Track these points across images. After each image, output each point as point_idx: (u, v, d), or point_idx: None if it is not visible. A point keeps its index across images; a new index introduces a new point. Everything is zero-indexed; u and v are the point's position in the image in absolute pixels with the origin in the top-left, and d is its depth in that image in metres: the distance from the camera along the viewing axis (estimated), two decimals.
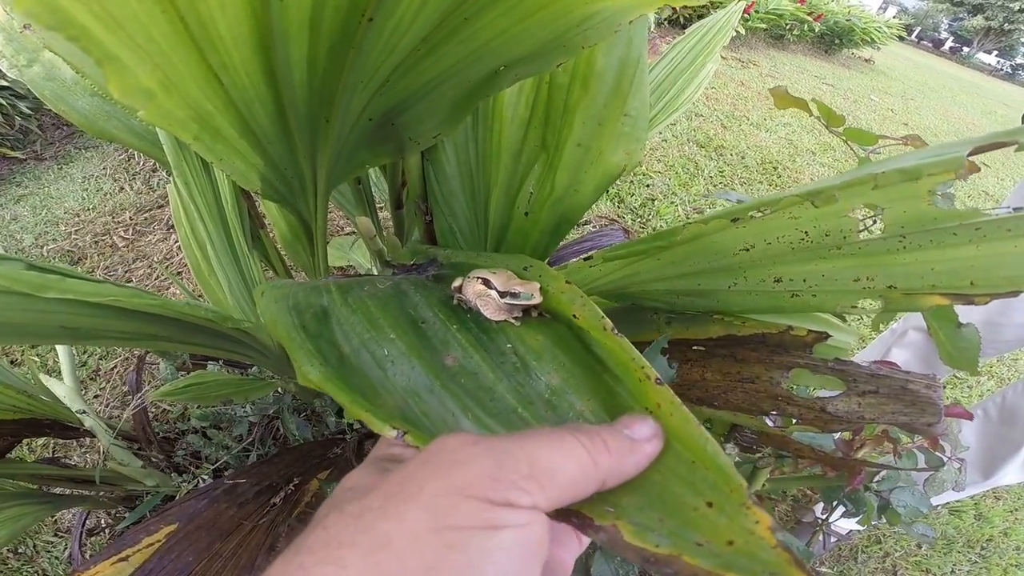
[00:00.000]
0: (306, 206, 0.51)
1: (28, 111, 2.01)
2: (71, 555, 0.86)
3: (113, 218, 1.74)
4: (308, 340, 0.31)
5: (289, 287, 0.37)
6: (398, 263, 0.53)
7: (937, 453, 0.62)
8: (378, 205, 0.94)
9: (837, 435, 0.58)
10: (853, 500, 0.66)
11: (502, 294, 0.34)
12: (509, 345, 0.33)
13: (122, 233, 1.68)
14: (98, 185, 1.88)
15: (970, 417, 0.54)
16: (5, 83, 1.88)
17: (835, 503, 0.67)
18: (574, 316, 0.33)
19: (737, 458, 0.63)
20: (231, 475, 0.52)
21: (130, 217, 1.75)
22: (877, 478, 0.64)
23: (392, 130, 0.45)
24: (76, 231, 1.67)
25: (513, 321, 0.34)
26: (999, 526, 1.35)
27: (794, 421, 0.47)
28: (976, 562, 1.27)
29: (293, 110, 0.36)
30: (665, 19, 4.59)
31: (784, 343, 0.45)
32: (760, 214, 0.35)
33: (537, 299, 0.34)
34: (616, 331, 0.30)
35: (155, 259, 1.60)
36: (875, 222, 0.36)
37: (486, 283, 0.35)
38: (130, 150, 2.02)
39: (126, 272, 1.55)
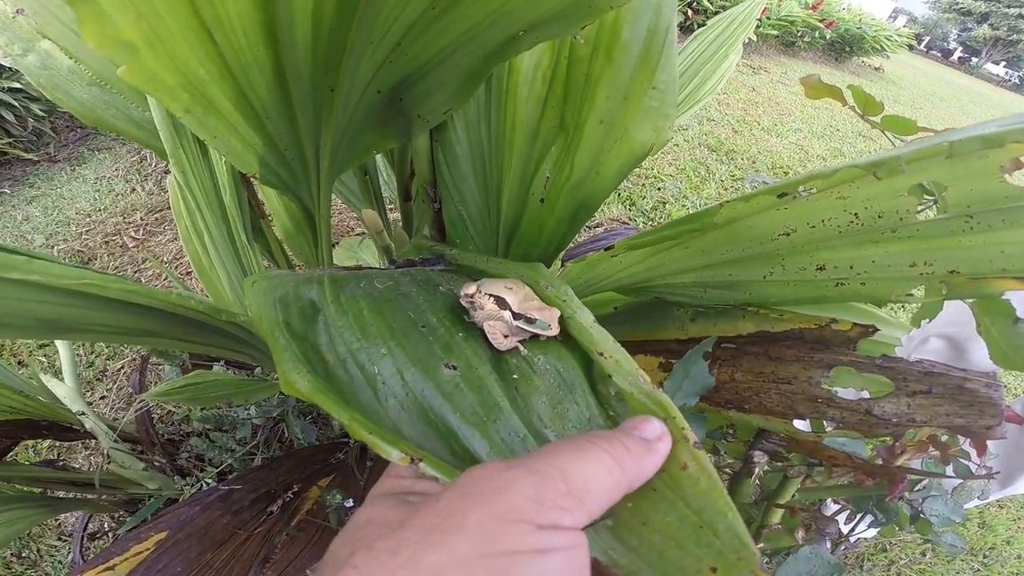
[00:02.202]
0: (308, 193, 0.48)
1: (41, 113, 2.02)
2: (73, 559, 0.85)
3: (124, 218, 1.73)
4: (293, 341, 0.28)
5: (281, 278, 0.34)
6: (403, 259, 0.50)
7: (963, 460, 0.58)
8: (389, 207, 0.91)
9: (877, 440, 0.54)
10: (883, 510, 0.62)
11: (516, 315, 0.31)
12: (515, 376, 0.30)
13: (132, 233, 1.67)
14: (110, 186, 1.88)
15: (1021, 421, 0.50)
16: (19, 85, 1.88)
17: (862, 513, 0.63)
18: (601, 355, 0.30)
19: (767, 467, 0.59)
20: (226, 481, 0.49)
21: (141, 218, 1.74)
22: (918, 487, 0.60)
23: (400, 106, 0.42)
24: (87, 231, 1.66)
25: (522, 348, 0.31)
26: (1002, 534, 1.34)
27: (834, 425, 0.43)
28: (978, 570, 1.26)
29: (295, 77, 0.32)
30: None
31: (825, 339, 0.41)
32: (807, 191, 0.32)
33: (555, 330, 0.31)
34: (656, 388, 0.27)
35: (165, 259, 1.59)
36: (935, 203, 0.33)
37: (499, 302, 0.31)
38: (142, 151, 2.02)
39: (136, 272, 1.54)
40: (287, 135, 0.38)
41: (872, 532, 0.66)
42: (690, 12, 4.62)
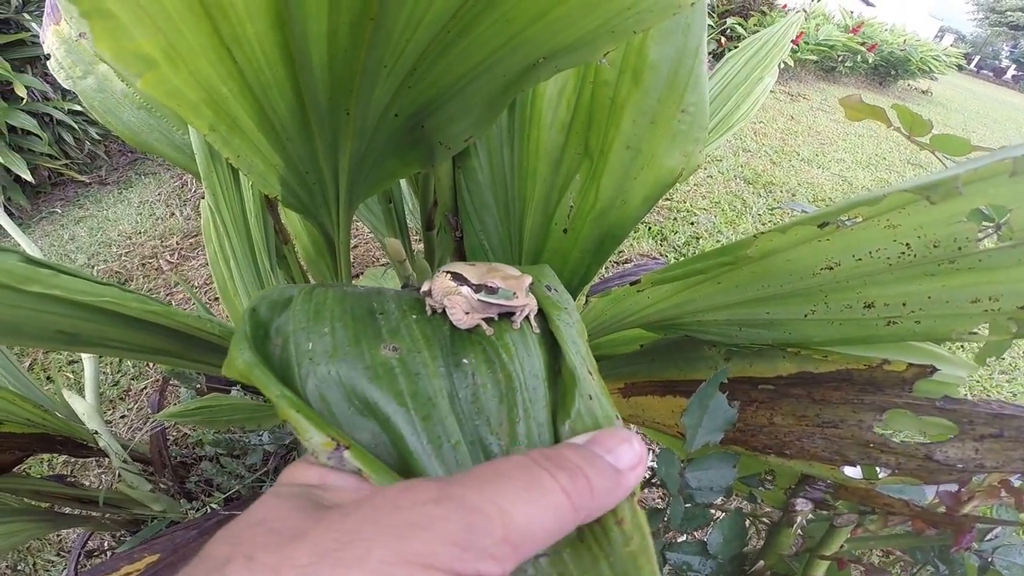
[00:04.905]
0: (328, 217, 0.47)
1: (98, 137, 2.13)
2: None
3: (161, 242, 1.79)
4: (249, 323, 0.26)
5: (283, 286, 0.33)
6: (413, 285, 0.49)
7: None
8: (415, 237, 0.90)
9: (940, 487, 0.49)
10: (947, 562, 0.56)
11: (476, 288, 0.26)
12: (465, 361, 0.26)
13: (168, 257, 1.73)
14: (151, 210, 1.96)
15: None
16: (79, 108, 2.00)
17: (923, 564, 0.57)
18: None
19: (811, 515, 0.54)
20: (228, 507, 0.47)
21: (177, 242, 1.80)
22: (990, 536, 0.53)
23: (421, 133, 0.41)
24: (126, 253, 1.73)
25: (485, 327, 0.27)
26: None
27: (888, 472, 0.39)
28: None
29: (312, 98, 0.32)
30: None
31: (876, 380, 0.38)
32: (851, 220, 0.29)
33: (522, 300, 0.26)
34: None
35: (196, 283, 1.63)
36: (998, 229, 0.29)
37: (457, 278, 0.28)
38: (184, 177, 2.11)
39: (168, 295, 1.58)
40: (307, 157, 0.38)
41: None
42: (723, 39, 4.61)
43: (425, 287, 0.30)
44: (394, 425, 0.22)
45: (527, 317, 0.28)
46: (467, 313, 0.27)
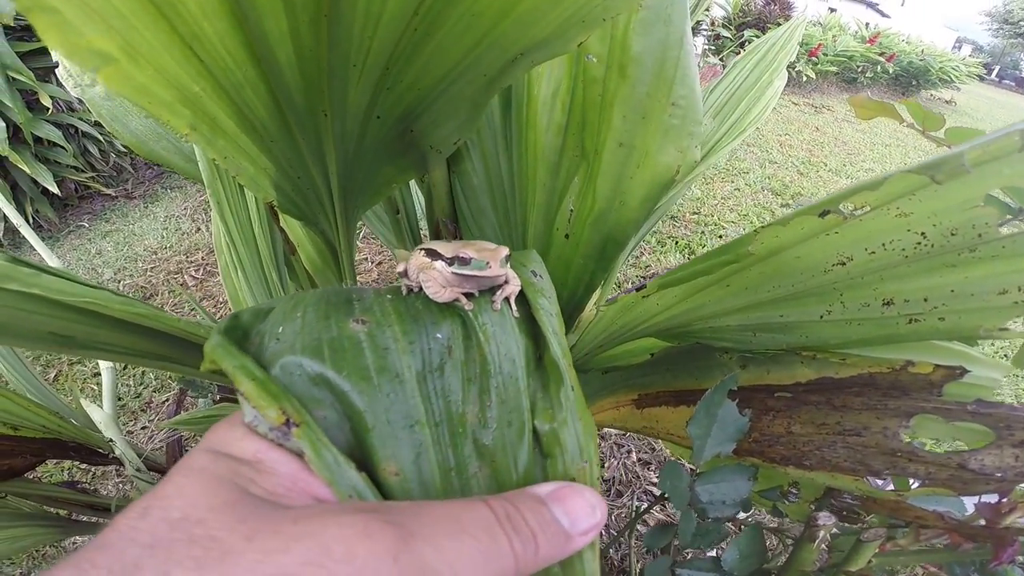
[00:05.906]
0: (328, 224, 0.47)
1: (123, 149, 2.18)
2: None
3: (187, 257, 1.83)
4: (227, 321, 0.25)
5: (277, 298, 0.32)
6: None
7: None
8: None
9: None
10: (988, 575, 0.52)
11: (449, 261, 0.26)
12: (439, 335, 0.25)
13: (193, 272, 1.76)
14: (177, 225, 2.00)
15: None
16: None
17: None
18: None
19: (835, 529, 0.51)
20: None
21: (202, 257, 1.83)
22: None
23: (411, 138, 0.41)
24: (152, 268, 1.77)
25: (464, 301, 0.26)
26: None
27: (919, 482, 0.36)
28: None
29: (287, 99, 0.31)
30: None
31: (901, 384, 0.35)
32: (859, 210, 0.27)
33: (495, 271, 0.25)
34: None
35: (220, 299, 1.65)
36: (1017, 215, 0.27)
37: (431, 253, 0.27)
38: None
39: (192, 311, 1.60)
40: (295, 160, 0.37)
41: None
42: (742, 51, 4.60)
43: (400, 267, 0.29)
44: (351, 401, 0.21)
45: (507, 299, 0.27)
46: (444, 288, 0.26)
